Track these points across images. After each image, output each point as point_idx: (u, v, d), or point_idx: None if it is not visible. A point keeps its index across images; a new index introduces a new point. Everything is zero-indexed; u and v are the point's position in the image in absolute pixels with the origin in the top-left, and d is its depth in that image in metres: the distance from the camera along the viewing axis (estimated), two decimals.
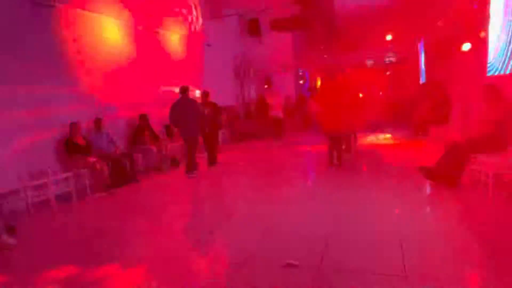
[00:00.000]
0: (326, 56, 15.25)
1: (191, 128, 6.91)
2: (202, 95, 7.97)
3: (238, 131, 11.89)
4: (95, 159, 6.04)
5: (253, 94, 13.79)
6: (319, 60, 15.71)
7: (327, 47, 15.06)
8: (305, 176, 6.86)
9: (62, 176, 5.73)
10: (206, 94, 7.97)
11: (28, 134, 5.53)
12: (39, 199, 5.40)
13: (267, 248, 3.36)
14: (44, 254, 3.71)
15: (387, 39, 14.27)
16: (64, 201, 5.63)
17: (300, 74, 15.74)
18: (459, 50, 7.44)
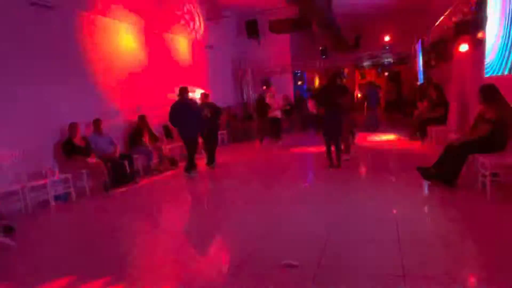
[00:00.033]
0: (324, 57, 15.28)
1: (191, 128, 6.93)
2: (201, 96, 8.02)
3: (237, 132, 11.92)
4: (94, 160, 6.05)
5: (251, 95, 13.84)
6: (317, 61, 15.76)
7: (325, 48, 15.11)
8: (303, 177, 6.88)
9: (61, 177, 5.74)
10: (205, 95, 8.01)
11: (27, 135, 5.56)
12: (38, 199, 5.41)
13: (266, 248, 3.37)
14: (42, 255, 3.72)
15: (385, 39, 14.36)
16: (63, 201, 5.64)
17: (298, 75, 15.76)
18: (457, 51, 7.48)
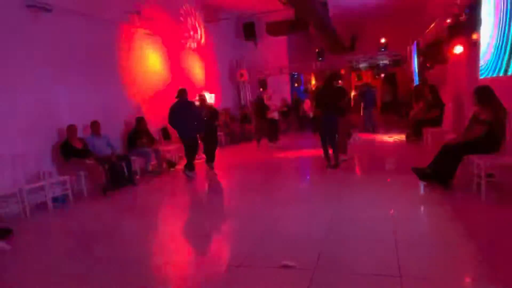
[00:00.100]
0: (320, 59, 15.35)
1: (190, 129, 6.99)
2: (199, 98, 8.06)
3: (235, 134, 11.96)
4: (92, 162, 6.05)
5: (249, 97, 13.88)
6: (313, 63, 15.82)
7: (321, 50, 15.17)
8: (301, 178, 6.92)
9: (59, 179, 5.74)
10: (203, 97, 8.05)
11: (25, 137, 5.56)
12: (36, 202, 5.40)
13: (263, 249, 3.39)
14: (39, 258, 3.71)
15: (381, 41, 14.43)
16: (61, 204, 5.64)
17: (295, 77, 15.82)
18: (452, 53, 7.54)
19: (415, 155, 7.74)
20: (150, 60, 8.83)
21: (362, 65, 17.05)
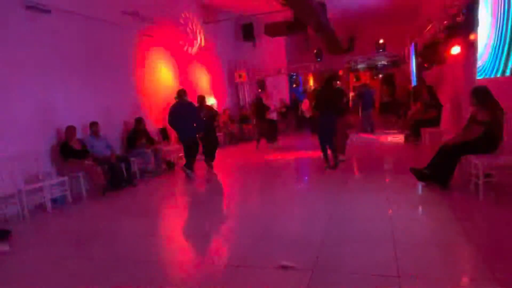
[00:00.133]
0: (319, 59, 15.40)
1: (190, 130, 7.05)
2: (198, 99, 8.08)
3: (233, 134, 11.98)
4: (91, 163, 6.05)
5: (247, 98, 13.91)
6: (312, 63, 15.87)
7: (319, 51, 15.22)
8: (300, 178, 6.94)
9: (58, 180, 5.74)
10: (202, 98, 8.07)
11: (23, 138, 5.56)
12: (35, 203, 5.40)
13: (262, 249, 3.41)
14: (38, 259, 3.71)
15: (379, 42, 14.49)
16: (60, 205, 5.64)
17: (294, 77, 15.85)
18: (449, 53, 7.58)
19: (413, 155, 7.76)
20: (149, 61, 8.84)
21: (360, 66, 17.11)
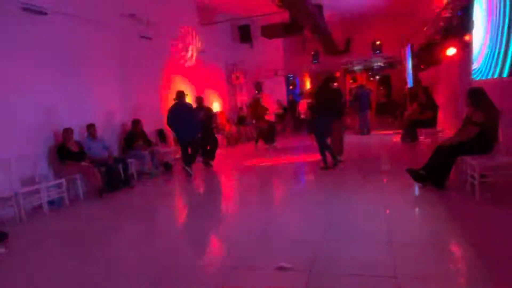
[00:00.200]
0: (316, 61, 15.46)
1: (190, 130, 7.14)
2: (196, 100, 8.11)
3: (231, 136, 11.99)
4: (88, 165, 6.04)
5: (245, 99, 13.93)
6: (309, 65, 15.93)
7: (316, 53, 15.27)
8: (297, 179, 6.95)
9: (55, 182, 5.72)
10: (200, 99, 8.10)
11: (20, 141, 5.55)
12: (31, 205, 5.38)
13: (260, 251, 3.41)
14: (34, 262, 3.70)
15: (376, 43, 14.55)
16: (57, 207, 5.62)
17: (291, 79, 15.87)
18: (445, 55, 7.63)
19: (410, 156, 7.80)
20: (146, 64, 8.83)
21: (356, 67, 17.18)
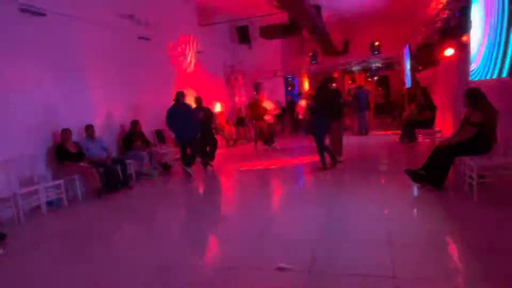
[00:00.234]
0: (314, 62, 15.49)
1: (190, 130, 7.18)
2: (195, 100, 8.12)
3: (231, 136, 12.00)
4: (86, 165, 6.03)
5: (243, 100, 13.93)
6: (307, 66, 15.95)
7: (315, 53, 15.30)
8: (296, 180, 6.95)
9: (53, 182, 5.71)
10: (199, 100, 8.11)
11: (19, 141, 5.53)
12: (30, 206, 5.37)
13: (259, 251, 3.42)
14: (33, 263, 3.69)
15: (374, 44, 14.59)
16: (56, 208, 5.61)
17: (289, 79, 15.88)
18: (443, 55, 7.65)
19: (408, 156, 7.82)
20: (145, 64, 8.82)
21: (355, 68, 17.19)
